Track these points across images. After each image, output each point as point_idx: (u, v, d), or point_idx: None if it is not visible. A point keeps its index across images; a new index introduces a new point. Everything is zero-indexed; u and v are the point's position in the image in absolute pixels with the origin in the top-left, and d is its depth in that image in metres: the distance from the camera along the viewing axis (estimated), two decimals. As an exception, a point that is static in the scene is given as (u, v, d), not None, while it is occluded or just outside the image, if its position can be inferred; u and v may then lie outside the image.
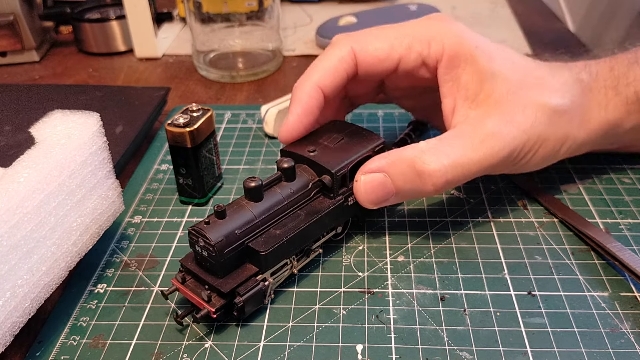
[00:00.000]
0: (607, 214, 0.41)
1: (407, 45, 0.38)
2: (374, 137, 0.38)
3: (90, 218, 0.35)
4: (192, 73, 0.67)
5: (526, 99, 0.37)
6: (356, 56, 0.39)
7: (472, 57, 0.37)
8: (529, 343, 0.32)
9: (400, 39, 0.39)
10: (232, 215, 0.33)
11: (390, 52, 0.39)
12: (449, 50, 0.38)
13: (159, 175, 0.47)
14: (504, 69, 0.38)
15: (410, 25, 0.39)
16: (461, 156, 0.36)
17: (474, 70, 0.37)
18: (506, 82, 0.37)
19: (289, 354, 0.32)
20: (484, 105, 0.37)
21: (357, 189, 0.37)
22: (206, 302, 0.32)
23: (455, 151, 0.36)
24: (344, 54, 0.39)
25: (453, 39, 0.38)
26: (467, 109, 0.38)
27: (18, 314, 0.30)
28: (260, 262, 0.33)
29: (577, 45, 0.69)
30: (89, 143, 0.35)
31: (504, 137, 0.36)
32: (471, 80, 0.37)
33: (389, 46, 0.39)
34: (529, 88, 0.38)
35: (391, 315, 0.34)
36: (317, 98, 0.39)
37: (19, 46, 0.69)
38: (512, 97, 0.37)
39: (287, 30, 0.77)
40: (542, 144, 0.38)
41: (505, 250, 0.38)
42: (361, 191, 0.37)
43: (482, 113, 0.37)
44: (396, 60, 0.39)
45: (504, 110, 0.37)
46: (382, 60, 0.39)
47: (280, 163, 0.36)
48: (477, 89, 0.37)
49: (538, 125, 0.37)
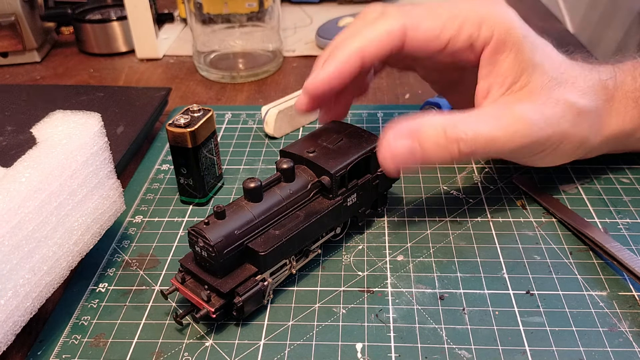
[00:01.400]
0: (606, 213, 0.41)
1: (458, 26, 0.37)
2: (372, 137, 0.39)
3: (91, 218, 0.35)
4: (192, 73, 0.67)
5: (558, 95, 0.38)
6: (406, 33, 0.37)
7: (519, 46, 0.37)
8: (527, 342, 0.32)
9: (453, 20, 0.37)
10: (231, 215, 0.33)
11: (441, 32, 0.37)
12: (498, 36, 0.37)
13: (159, 176, 0.48)
14: (545, 63, 0.38)
15: (463, 5, 0.38)
16: (488, 132, 0.36)
17: (518, 59, 0.37)
18: (544, 75, 0.38)
19: (289, 353, 0.32)
20: (518, 94, 0.38)
21: (385, 152, 0.35)
22: (206, 302, 0.32)
23: (482, 126, 0.36)
24: (395, 29, 0.37)
25: (504, 25, 0.37)
26: (500, 95, 0.38)
27: (20, 313, 0.30)
28: (259, 263, 0.33)
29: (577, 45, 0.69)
30: (90, 143, 0.35)
31: (531, 125, 0.37)
32: (511, 69, 0.37)
33: (440, 26, 0.37)
34: (562, 85, 0.38)
35: (391, 314, 0.34)
36: (354, 65, 0.37)
37: (20, 47, 0.69)
38: (545, 91, 0.38)
39: (288, 31, 0.77)
40: (563, 141, 0.38)
41: (504, 249, 0.38)
42: (388, 155, 0.35)
43: (514, 99, 0.38)
44: (446, 41, 0.38)
45: (536, 101, 0.37)
46: (432, 40, 0.38)
47: (279, 164, 0.36)
48: (516, 78, 0.38)
49: (565, 122, 0.37)
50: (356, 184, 0.38)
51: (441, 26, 0.37)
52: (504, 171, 0.46)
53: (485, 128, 0.36)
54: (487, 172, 0.46)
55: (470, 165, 0.47)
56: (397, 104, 0.58)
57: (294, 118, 0.52)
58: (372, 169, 0.38)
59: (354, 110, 0.56)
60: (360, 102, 0.59)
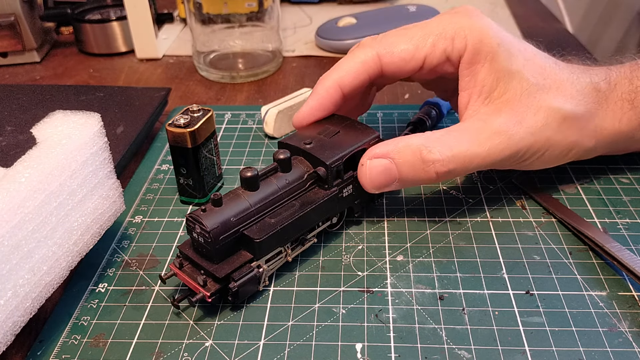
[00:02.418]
0: (606, 213, 0.41)
1: (431, 43, 0.39)
2: (369, 131, 0.39)
3: (91, 218, 0.35)
4: (192, 74, 0.67)
5: (540, 102, 0.38)
6: (381, 60, 0.39)
7: (493, 54, 0.38)
8: (527, 342, 0.32)
9: (425, 38, 0.39)
10: (228, 203, 0.34)
11: (415, 52, 0.39)
12: (471, 47, 0.38)
13: (159, 176, 0.48)
14: (524, 69, 0.38)
15: (435, 22, 0.40)
16: (466, 150, 0.37)
17: (493, 68, 0.38)
18: (523, 82, 0.38)
19: (289, 353, 0.32)
20: (497, 103, 0.38)
21: (362, 173, 0.38)
22: (202, 287, 0.33)
23: (460, 144, 0.37)
24: (368, 58, 0.40)
25: (476, 35, 0.38)
26: (480, 105, 0.38)
27: (19, 313, 0.30)
28: (254, 249, 0.34)
29: (576, 46, 0.69)
30: (90, 143, 0.35)
31: (510, 137, 0.37)
32: (488, 78, 0.38)
33: (414, 47, 0.39)
34: (545, 91, 0.38)
35: (390, 315, 0.34)
36: (334, 95, 0.40)
37: (20, 47, 0.69)
38: (526, 99, 0.38)
39: (287, 31, 0.77)
40: (549, 148, 0.38)
41: (503, 249, 0.38)
42: (366, 175, 0.37)
43: (493, 110, 0.38)
44: (421, 59, 0.39)
45: (515, 110, 0.37)
46: (407, 61, 0.39)
47: (276, 154, 0.37)
48: (493, 87, 0.38)
49: (547, 130, 0.37)
50: (352, 176, 0.38)
51: (414, 47, 0.39)
52: (504, 171, 0.46)
53: (463, 146, 0.37)
54: (486, 172, 0.46)
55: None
56: (396, 104, 0.58)
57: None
58: None
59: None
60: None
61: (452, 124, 0.53)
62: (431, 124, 0.51)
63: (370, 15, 0.72)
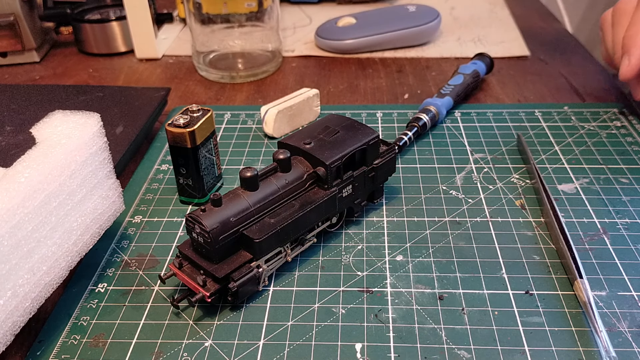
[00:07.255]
0: (605, 213, 0.41)
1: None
2: (368, 130, 0.39)
3: (90, 218, 0.35)
4: (192, 73, 0.67)
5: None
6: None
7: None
8: (527, 342, 0.32)
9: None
10: (227, 203, 0.34)
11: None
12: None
13: (159, 176, 0.48)
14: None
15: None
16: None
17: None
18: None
19: (289, 353, 0.32)
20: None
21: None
22: (201, 287, 0.33)
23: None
24: None
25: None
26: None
27: (19, 313, 0.30)
28: (254, 249, 0.34)
29: (576, 46, 0.69)
30: (90, 143, 0.35)
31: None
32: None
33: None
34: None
35: (390, 314, 0.34)
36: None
37: (20, 47, 0.69)
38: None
39: (287, 31, 0.77)
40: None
41: (503, 249, 0.39)
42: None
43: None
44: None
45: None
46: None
47: (276, 154, 0.37)
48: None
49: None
50: (352, 176, 0.38)
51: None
52: (504, 171, 0.46)
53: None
54: (486, 172, 0.46)
55: (470, 165, 0.47)
56: (396, 104, 0.58)
57: (293, 118, 0.52)
58: (368, 161, 0.39)
59: (353, 110, 0.56)
60: (360, 102, 0.59)
61: (451, 123, 0.53)
62: (430, 124, 0.51)
63: (369, 15, 0.72)
